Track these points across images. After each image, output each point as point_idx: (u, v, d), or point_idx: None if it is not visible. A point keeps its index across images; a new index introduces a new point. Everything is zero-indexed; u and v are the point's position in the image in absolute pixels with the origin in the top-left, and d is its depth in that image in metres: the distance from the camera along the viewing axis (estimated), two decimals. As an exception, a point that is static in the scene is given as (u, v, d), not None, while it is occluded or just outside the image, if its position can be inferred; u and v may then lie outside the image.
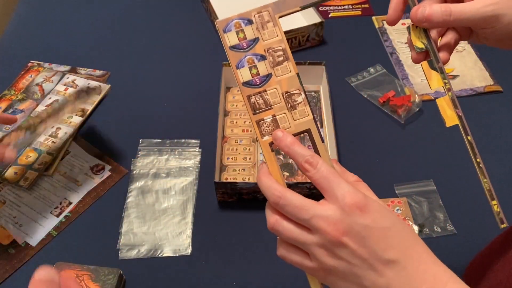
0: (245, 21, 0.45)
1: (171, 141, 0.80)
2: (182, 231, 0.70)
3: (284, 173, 0.75)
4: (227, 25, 0.45)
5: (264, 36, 0.44)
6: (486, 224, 0.69)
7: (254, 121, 0.43)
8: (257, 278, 0.65)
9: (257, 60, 0.44)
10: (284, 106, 0.44)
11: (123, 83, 0.90)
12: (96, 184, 0.75)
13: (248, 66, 0.44)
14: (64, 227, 0.70)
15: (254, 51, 0.44)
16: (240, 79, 0.44)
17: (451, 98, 0.50)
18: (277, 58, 0.44)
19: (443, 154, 0.79)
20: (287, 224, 0.39)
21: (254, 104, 0.44)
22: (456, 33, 0.50)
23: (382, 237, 0.36)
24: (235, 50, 0.44)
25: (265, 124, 0.43)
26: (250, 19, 0.45)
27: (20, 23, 1.04)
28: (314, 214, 0.37)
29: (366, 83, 0.89)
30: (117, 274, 0.62)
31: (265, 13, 0.45)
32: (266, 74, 0.44)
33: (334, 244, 0.37)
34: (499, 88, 0.88)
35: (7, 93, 0.87)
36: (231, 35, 0.44)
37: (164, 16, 1.04)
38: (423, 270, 0.37)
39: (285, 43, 0.44)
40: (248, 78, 0.44)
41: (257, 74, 0.44)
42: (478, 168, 0.51)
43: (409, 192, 0.73)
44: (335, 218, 0.36)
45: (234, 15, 0.45)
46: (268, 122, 0.43)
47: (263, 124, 0.43)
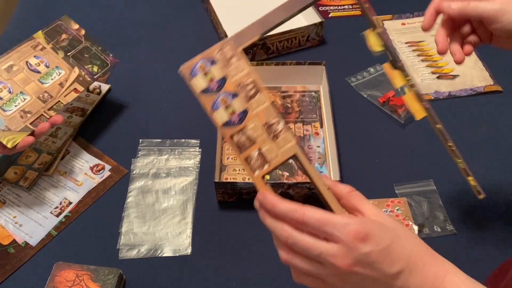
0: (209, 62, 0.45)
1: (171, 141, 0.80)
2: (182, 231, 0.70)
3: (284, 173, 0.75)
4: (192, 69, 0.44)
5: (231, 73, 0.44)
6: (485, 224, 0.70)
7: (242, 160, 0.44)
8: (257, 278, 0.65)
9: (230, 99, 0.44)
10: (266, 138, 0.44)
11: (123, 83, 0.90)
12: (96, 184, 0.75)
13: (223, 107, 0.44)
14: (64, 227, 0.70)
15: (225, 90, 0.44)
16: (219, 122, 0.44)
17: (416, 93, 0.51)
18: (249, 92, 0.44)
19: (443, 154, 0.79)
20: (300, 260, 0.41)
21: (238, 142, 0.44)
22: (476, 36, 0.58)
23: (387, 255, 0.39)
24: (206, 94, 0.44)
25: (253, 159, 0.43)
26: (213, 59, 0.44)
27: (20, 23, 1.04)
28: (321, 252, 0.39)
29: (366, 83, 0.89)
30: (117, 274, 0.62)
31: (227, 49, 0.45)
32: (242, 110, 0.44)
33: (345, 273, 0.39)
34: (499, 88, 0.88)
35: (7, 93, 0.87)
36: (199, 79, 0.44)
37: (164, 16, 1.04)
38: (425, 271, 0.40)
39: (253, 75, 0.44)
40: (226, 119, 0.44)
41: (233, 113, 0.44)
42: (451, 151, 0.54)
43: (409, 192, 0.73)
44: (342, 254, 0.39)
45: (197, 57, 0.45)
46: (256, 157, 0.43)
47: (251, 160, 0.44)
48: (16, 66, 0.67)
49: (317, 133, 0.81)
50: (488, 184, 0.74)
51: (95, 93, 0.87)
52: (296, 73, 0.86)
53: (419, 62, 0.93)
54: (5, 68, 0.66)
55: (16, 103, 0.64)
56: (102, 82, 0.90)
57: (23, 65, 0.68)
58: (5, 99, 0.64)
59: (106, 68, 0.75)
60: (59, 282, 0.61)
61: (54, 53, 0.72)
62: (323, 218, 0.40)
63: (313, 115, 0.83)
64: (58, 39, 0.73)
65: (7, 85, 0.65)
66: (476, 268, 0.64)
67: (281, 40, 0.92)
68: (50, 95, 0.68)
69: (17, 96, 0.65)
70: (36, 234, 0.69)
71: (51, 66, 0.70)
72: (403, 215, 0.69)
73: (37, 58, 0.70)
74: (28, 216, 0.71)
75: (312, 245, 0.40)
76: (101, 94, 0.88)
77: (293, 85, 0.88)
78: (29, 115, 0.65)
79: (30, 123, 0.64)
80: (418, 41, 0.97)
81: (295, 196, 0.71)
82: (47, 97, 0.67)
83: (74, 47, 0.74)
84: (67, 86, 0.70)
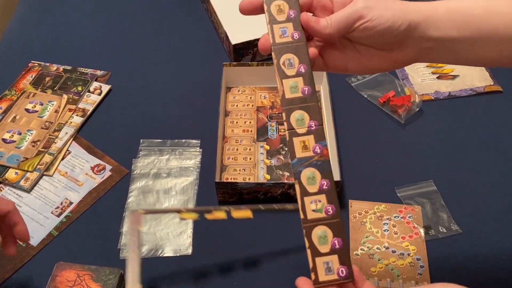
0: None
1: (172, 141, 0.80)
2: (183, 231, 0.70)
3: (284, 173, 0.75)
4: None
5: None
6: (490, 222, 0.70)
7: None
8: (257, 278, 0.65)
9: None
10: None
11: (123, 83, 0.90)
12: (97, 184, 0.75)
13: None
14: (65, 227, 0.70)
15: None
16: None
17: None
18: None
19: (443, 154, 0.79)
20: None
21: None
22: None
23: None
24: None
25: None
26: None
27: (20, 23, 1.04)
28: None
29: (366, 83, 0.89)
30: (118, 274, 0.62)
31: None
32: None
33: None
34: (499, 88, 0.88)
35: (7, 93, 0.87)
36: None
37: (164, 16, 1.04)
38: None
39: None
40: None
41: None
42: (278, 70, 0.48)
43: (411, 195, 0.73)
44: None
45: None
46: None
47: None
48: (18, 115, 0.84)
49: (318, 133, 0.81)
50: (488, 184, 0.75)
51: (96, 93, 0.88)
52: (297, 73, 0.86)
53: (419, 62, 0.93)
54: (10, 120, 0.83)
55: (26, 139, 0.80)
56: (103, 83, 0.90)
57: (22, 112, 0.85)
58: (17, 140, 0.80)
59: (88, 83, 0.89)
60: (60, 282, 0.61)
61: (44, 93, 0.88)
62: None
63: (313, 115, 0.84)
64: (44, 83, 0.90)
65: (16, 130, 0.82)
66: (485, 267, 0.65)
67: (281, 40, 0.92)
68: (50, 122, 0.83)
69: (25, 134, 0.81)
70: (37, 234, 0.69)
71: (45, 103, 0.86)
72: (414, 223, 0.69)
73: (31, 103, 0.86)
74: (29, 216, 0.71)
75: None
76: (102, 94, 0.88)
77: (294, 85, 0.88)
78: (39, 143, 0.80)
79: (41, 147, 0.79)
80: (418, 41, 0.97)
81: (295, 196, 0.71)
82: (48, 125, 0.82)
83: (57, 82, 0.90)
84: (61, 110, 0.85)
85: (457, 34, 0.47)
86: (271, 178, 0.75)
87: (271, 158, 0.77)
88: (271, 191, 0.70)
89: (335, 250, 0.43)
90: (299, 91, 0.46)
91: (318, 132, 0.46)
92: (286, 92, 0.46)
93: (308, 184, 0.44)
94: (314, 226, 0.43)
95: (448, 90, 0.88)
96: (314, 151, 0.45)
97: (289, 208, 0.65)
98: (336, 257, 0.43)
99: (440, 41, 0.48)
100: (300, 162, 0.45)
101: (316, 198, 0.44)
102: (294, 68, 0.47)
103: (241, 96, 0.87)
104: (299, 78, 0.47)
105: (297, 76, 0.47)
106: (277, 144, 0.79)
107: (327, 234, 0.43)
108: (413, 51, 0.49)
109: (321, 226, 0.43)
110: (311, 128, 0.46)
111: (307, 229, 0.43)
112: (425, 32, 0.47)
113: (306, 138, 0.45)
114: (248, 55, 0.92)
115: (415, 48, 0.48)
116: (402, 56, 0.49)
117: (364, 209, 0.71)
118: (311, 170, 0.45)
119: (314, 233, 0.43)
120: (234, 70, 0.85)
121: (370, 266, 0.65)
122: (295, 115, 0.46)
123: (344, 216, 0.70)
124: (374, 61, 0.50)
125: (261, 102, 0.86)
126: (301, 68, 0.47)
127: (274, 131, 0.81)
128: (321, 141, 0.45)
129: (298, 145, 0.45)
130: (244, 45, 0.89)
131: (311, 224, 0.43)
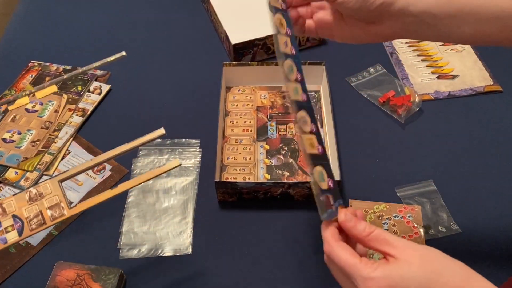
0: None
1: (172, 141, 0.80)
2: (183, 231, 0.70)
3: (284, 173, 0.75)
4: None
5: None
6: (490, 222, 0.70)
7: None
8: (257, 278, 0.65)
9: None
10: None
11: (123, 83, 0.90)
12: (97, 184, 0.75)
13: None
14: (64, 227, 0.70)
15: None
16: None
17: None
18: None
19: (443, 154, 0.79)
20: (335, 271, 0.45)
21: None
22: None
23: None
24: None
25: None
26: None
27: (20, 23, 1.04)
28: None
29: (366, 83, 0.89)
30: (118, 274, 0.62)
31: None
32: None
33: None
34: (499, 88, 0.88)
35: (7, 93, 0.88)
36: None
37: (164, 16, 1.04)
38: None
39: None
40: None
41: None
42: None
43: (411, 194, 0.73)
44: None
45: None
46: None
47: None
48: (18, 115, 0.84)
49: (317, 133, 0.81)
50: (488, 183, 0.75)
51: (96, 93, 0.88)
52: (296, 73, 0.86)
53: (419, 62, 0.93)
54: (10, 119, 0.83)
55: (26, 139, 0.80)
56: (103, 82, 0.90)
57: (22, 112, 0.85)
58: (17, 140, 0.80)
59: (88, 83, 0.89)
60: (60, 281, 0.61)
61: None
62: (347, 263, 0.41)
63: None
64: (43, 83, 0.87)
65: (16, 130, 0.82)
66: (484, 266, 0.65)
67: (281, 40, 0.92)
68: (50, 122, 0.83)
69: (25, 134, 0.81)
70: (37, 234, 0.69)
71: (44, 102, 0.86)
72: (414, 222, 0.69)
73: (31, 103, 0.86)
74: (29, 216, 0.71)
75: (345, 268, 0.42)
76: (102, 94, 0.88)
77: (293, 85, 0.88)
78: (38, 142, 0.79)
79: (41, 147, 0.79)
80: (418, 41, 0.97)
81: (295, 196, 0.71)
82: (48, 124, 0.82)
83: (57, 82, 0.87)
84: (61, 110, 0.85)
85: (437, 11, 0.50)
86: (271, 178, 0.75)
87: (271, 157, 0.77)
88: (271, 190, 0.70)
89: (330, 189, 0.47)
90: (289, 50, 0.53)
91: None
92: (281, 46, 0.52)
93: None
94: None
95: (448, 90, 0.88)
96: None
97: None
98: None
99: (420, 16, 0.50)
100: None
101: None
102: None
103: (241, 96, 0.87)
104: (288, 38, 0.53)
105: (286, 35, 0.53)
106: (277, 143, 0.79)
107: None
108: (394, 25, 0.52)
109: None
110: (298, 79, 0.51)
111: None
112: (405, 8, 0.50)
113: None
114: (248, 55, 0.92)
115: (396, 23, 0.51)
116: (383, 29, 0.52)
117: (364, 208, 0.71)
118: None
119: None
120: (234, 70, 0.85)
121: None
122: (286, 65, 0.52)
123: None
124: (357, 32, 0.54)
125: (261, 102, 0.86)
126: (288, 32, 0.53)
127: (274, 131, 0.81)
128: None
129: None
130: (244, 45, 0.89)
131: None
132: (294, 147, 0.79)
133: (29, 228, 0.48)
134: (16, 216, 0.49)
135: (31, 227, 0.48)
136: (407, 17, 0.50)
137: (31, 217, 0.49)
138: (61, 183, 0.52)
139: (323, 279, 0.64)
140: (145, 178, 0.53)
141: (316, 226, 0.70)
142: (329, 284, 0.64)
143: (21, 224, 0.48)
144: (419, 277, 0.40)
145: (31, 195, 0.50)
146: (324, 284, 0.64)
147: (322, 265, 0.66)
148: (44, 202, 0.50)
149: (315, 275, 0.65)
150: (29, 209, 0.50)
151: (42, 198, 0.50)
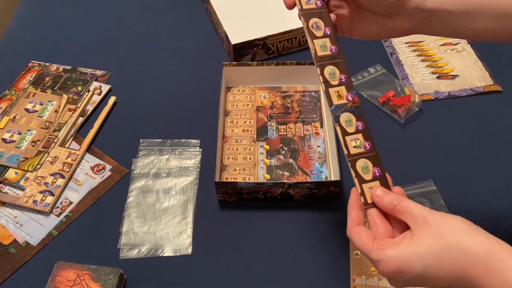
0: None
1: (172, 141, 0.80)
2: (183, 231, 0.70)
3: (284, 173, 0.75)
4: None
5: None
6: (490, 222, 0.70)
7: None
8: (257, 278, 0.65)
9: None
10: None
11: (123, 83, 0.90)
12: (96, 184, 0.75)
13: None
14: (64, 227, 0.70)
15: None
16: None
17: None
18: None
19: (443, 154, 0.79)
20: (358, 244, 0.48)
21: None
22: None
23: (424, 281, 0.43)
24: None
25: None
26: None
27: (20, 23, 1.04)
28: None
29: (366, 83, 0.89)
30: (118, 274, 0.62)
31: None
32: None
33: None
34: (499, 88, 0.88)
35: (7, 93, 0.88)
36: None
37: (164, 16, 1.04)
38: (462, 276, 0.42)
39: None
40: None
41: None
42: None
43: (411, 194, 0.73)
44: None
45: None
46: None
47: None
48: (18, 115, 0.84)
49: (317, 133, 0.81)
50: (488, 183, 0.75)
51: (96, 93, 0.88)
52: (296, 73, 0.86)
53: (419, 62, 0.93)
54: (10, 119, 0.83)
55: (26, 139, 0.80)
56: (103, 83, 0.90)
57: (22, 112, 0.85)
58: (17, 140, 0.80)
59: (88, 83, 0.89)
60: (60, 281, 0.61)
61: (44, 93, 0.88)
62: (362, 246, 0.46)
63: (313, 115, 0.84)
64: (43, 83, 0.90)
65: (16, 130, 0.82)
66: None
67: (281, 40, 0.92)
68: (50, 122, 0.83)
69: (25, 134, 0.81)
70: (37, 234, 0.69)
71: (44, 103, 0.86)
72: None
73: (31, 103, 0.86)
74: (28, 216, 0.71)
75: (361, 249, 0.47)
76: (102, 94, 0.88)
77: (293, 85, 0.88)
78: (39, 142, 0.80)
79: (41, 147, 0.79)
80: (418, 41, 0.97)
81: (295, 196, 0.71)
82: (48, 124, 0.82)
83: (57, 82, 0.90)
84: (61, 110, 0.85)
85: (452, 8, 0.52)
86: (271, 178, 0.75)
87: (271, 158, 0.77)
88: (271, 190, 0.70)
89: (376, 177, 0.51)
90: (328, 50, 0.55)
91: (348, 83, 0.55)
92: (317, 51, 0.55)
93: (346, 125, 0.52)
94: (357, 159, 0.51)
95: (448, 90, 0.88)
96: (347, 99, 0.54)
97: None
98: (377, 182, 0.51)
99: (436, 13, 0.53)
100: (338, 108, 0.53)
101: (355, 137, 0.52)
102: (321, 30, 0.56)
103: (241, 96, 0.87)
104: (327, 39, 0.56)
105: (324, 37, 0.56)
106: (277, 144, 0.79)
107: (368, 165, 0.51)
108: (411, 20, 0.54)
109: (362, 159, 0.51)
110: (342, 80, 0.54)
111: (351, 162, 0.51)
112: (422, 4, 0.52)
113: (339, 88, 0.54)
114: (248, 55, 0.92)
115: (413, 18, 0.54)
116: (400, 24, 0.55)
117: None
118: (347, 115, 0.53)
119: (357, 165, 0.51)
120: (234, 70, 0.85)
121: (370, 266, 0.65)
122: (328, 70, 0.55)
123: (345, 217, 0.70)
124: (375, 27, 0.57)
125: (261, 102, 0.86)
126: (326, 30, 0.56)
127: (274, 131, 0.81)
128: (352, 91, 0.54)
129: (334, 94, 0.54)
130: (244, 45, 0.89)
131: (354, 158, 0.51)
132: (294, 147, 0.79)
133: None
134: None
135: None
136: (424, 13, 0.53)
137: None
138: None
139: (323, 279, 0.64)
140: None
141: (316, 226, 0.70)
142: (329, 284, 0.64)
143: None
144: (426, 255, 0.42)
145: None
146: (324, 284, 0.64)
147: (322, 265, 0.66)
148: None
149: (315, 275, 0.65)
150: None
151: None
